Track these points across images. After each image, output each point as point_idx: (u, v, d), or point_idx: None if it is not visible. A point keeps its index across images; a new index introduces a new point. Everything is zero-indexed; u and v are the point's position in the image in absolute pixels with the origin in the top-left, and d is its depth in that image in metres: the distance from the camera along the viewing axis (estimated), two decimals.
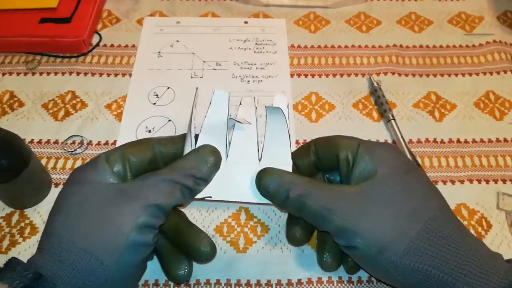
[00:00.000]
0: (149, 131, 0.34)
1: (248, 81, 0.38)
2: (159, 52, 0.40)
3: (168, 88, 0.37)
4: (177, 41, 0.41)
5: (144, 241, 0.21)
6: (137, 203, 0.21)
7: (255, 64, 0.39)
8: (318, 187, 0.23)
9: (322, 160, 0.25)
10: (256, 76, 0.38)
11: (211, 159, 0.24)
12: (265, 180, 0.23)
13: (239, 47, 0.40)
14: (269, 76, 0.38)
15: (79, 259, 0.20)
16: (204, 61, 0.39)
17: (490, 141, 0.35)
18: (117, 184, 0.22)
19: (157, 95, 0.37)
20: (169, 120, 0.35)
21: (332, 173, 0.27)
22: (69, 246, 0.20)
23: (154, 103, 0.36)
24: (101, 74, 0.39)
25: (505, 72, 0.39)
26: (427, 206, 0.22)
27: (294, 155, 0.26)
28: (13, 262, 0.20)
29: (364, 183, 0.22)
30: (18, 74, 0.38)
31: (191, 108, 0.36)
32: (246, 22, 0.42)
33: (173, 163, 0.23)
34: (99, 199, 0.21)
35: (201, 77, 0.38)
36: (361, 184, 0.22)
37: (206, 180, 0.24)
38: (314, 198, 0.22)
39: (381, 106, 0.36)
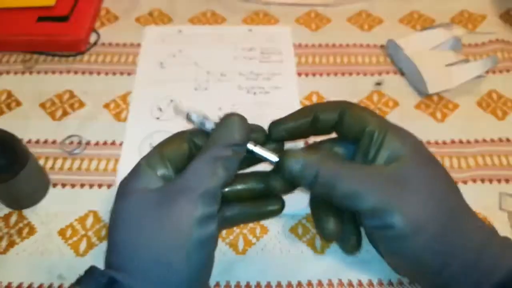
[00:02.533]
0: None
1: (255, 93, 0.36)
2: (161, 63, 0.39)
3: (172, 101, 0.36)
4: (180, 51, 0.39)
5: (207, 234, 0.21)
6: (186, 198, 0.20)
7: (261, 74, 0.38)
8: (349, 167, 0.22)
9: (343, 128, 0.24)
10: (263, 87, 0.37)
11: (238, 123, 0.22)
12: (288, 162, 0.22)
13: (243, 57, 0.39)
14: (276, 87, 0.37)
15: (150, 270, 0.20)
16: (208, 72, 0.38)
17: (492, 140, 0.34)
18: (164, 186, 0.22)
19: (160, 109, 0.35)
20: None
21: (340, 143, 0.26)
22: (137, 260, 0.20)
23: (157, 118, 0.35)
24: (99, 73, 0.38)
25: (508, 71, 0.39)
26: (451, 194, 0.22)
27: (289, 117, 0.25)
28: (91, 270, 0.20)
29: (394, 164, 0.22)
30: (15, 73, 0.38)
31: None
32: (250, 30, 0.41)
33: (205, 142, 0.23)
34: (151, 206, 0.21)
35: (206, 89, 0.37)
36: (391, 165, 0.22)
37: (243, 144, 0.23)
38: (347, 180, 0.21)
39: None
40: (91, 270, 0.20)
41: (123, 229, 0.21)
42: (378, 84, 0.38)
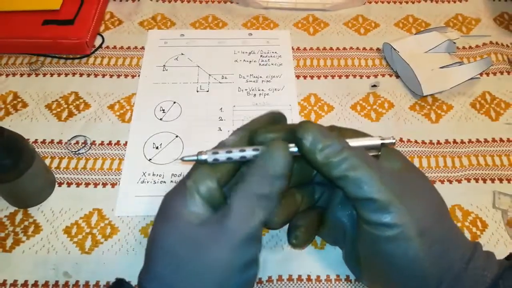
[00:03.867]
0: (157, 148, 0.34)
1: (255, 95, 0.37)
2: (164, 66, 0.40)
3: (174, 102, 0.37)
4: (182, 54, 0.40)
5: (248, 279, 0.20)
6: (228, 246, 0.20)
7: (260, 77, 0.39)
8: (367, 156, 0.21)
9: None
10: (262, 90, 0.38)
11: (278, 155, 0.21)
12: (310, 130, 0.21)
13: (244, 60, 0.40)
14: (275, 89, 0.38)
15: None
16: (209, 75, 0.39)
17: (486, 141, 0.35)
18: (208, 221, 0.21)
19: (163, 110, 0.36)
20: (176, 136, 0.35)
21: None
22: None
23: (160, 119, 0.36)
24: (103, 75, 0.39)
25: (501, 73, 0.40)
26: (444, 206, 0.23)
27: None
28: (121, 284, 0.20)
29: (397, 170, 0.22)
30: (21, 75, 0.39)
31: (197, 123, 0.35)
32: (250, 34, 0.42)
33: (246, 172, 0.21)
34: (195, 245, 0.20)
35: (207, 91, 0.38)
36: (395, 170, 0.22)
37: (283, 177, 0.21)
38: (366, 165, 0.20)
39: None
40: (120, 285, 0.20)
41: (165, 261, 0.20)
42: (374, 86, 0.39)
